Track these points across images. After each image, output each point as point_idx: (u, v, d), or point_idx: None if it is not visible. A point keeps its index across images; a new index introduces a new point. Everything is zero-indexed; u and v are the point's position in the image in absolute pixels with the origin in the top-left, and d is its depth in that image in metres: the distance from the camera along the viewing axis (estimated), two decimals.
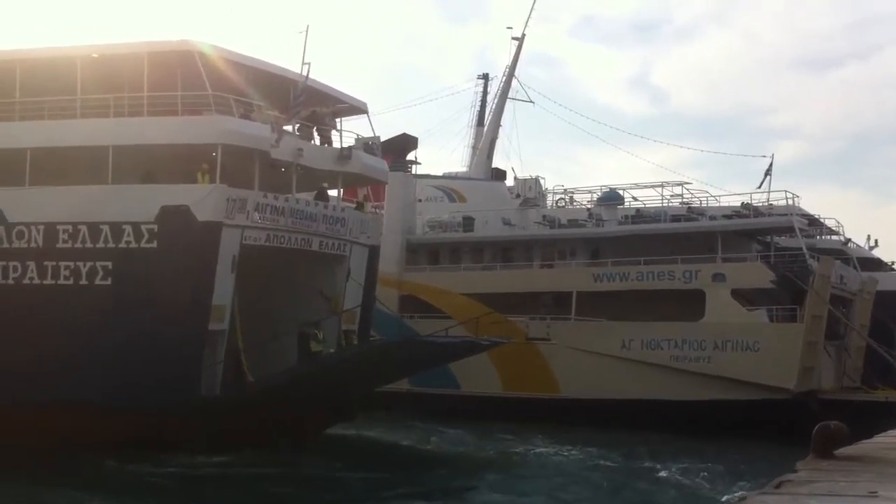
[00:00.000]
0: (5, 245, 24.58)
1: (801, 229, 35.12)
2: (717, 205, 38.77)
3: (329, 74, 24.43)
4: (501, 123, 46.74)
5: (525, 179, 42.60)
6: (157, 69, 24.16)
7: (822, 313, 32.21)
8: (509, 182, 44.86)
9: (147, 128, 24.16)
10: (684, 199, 39.00)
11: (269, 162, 25.07)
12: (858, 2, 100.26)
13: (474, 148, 47.75)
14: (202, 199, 23.68)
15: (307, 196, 27.07)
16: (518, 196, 41.84)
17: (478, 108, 49.31)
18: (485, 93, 49.21)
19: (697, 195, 39.24)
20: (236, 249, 24.01)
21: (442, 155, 73.06)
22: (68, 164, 24.68)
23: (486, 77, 49.38)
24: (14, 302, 24.36)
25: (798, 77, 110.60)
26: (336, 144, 27.16)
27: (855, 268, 37.66)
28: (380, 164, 28.81)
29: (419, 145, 42.26)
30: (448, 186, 44.15)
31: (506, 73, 46.33)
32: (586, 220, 39.38)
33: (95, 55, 24.69)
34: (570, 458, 26.13)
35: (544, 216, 40.39)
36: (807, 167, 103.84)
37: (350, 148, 26.90)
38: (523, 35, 46.10)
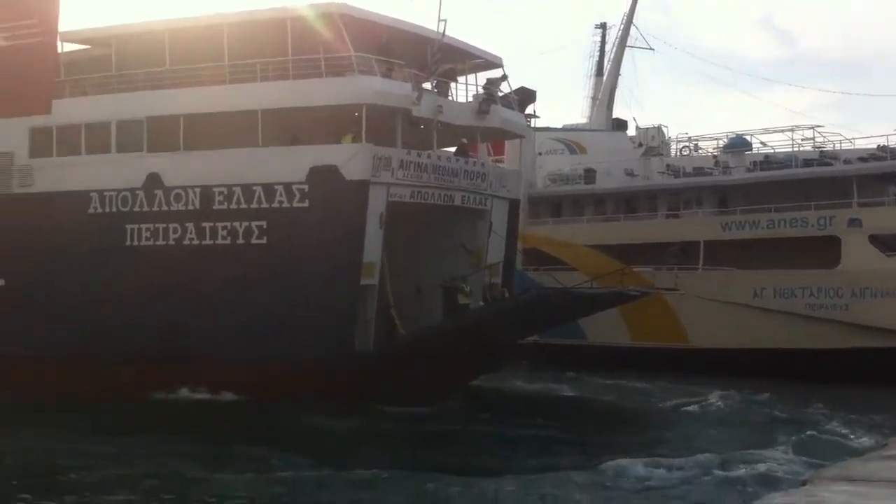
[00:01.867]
0: (164, 208, 25.25)
1: None
2: (852, 148, 36.88)
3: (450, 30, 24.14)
4: (621, 72, 45.63)
5: (647, 128, 41.53)
6: (300, 32, 24.33)
7: None
8: (631, 132, 43.75)
9: (294, 91, 24.41)
10: (816, 144, 37.30)
11: (411, 120, 25.12)
12: None
13: (594, 99, 46.85)
14: (350, 158, 23.90)
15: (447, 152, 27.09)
16: (640, 146, 40.86)
17: (596, 57, 48.35)
18: (603, 42, 48.18)
19: (830, 138, 37.47)
20: (383, 206, 24.22)
21: (561, 107, 71.25)
22: (220, 129, 25.13)
23: (603, 26, 48.32)
24: (174, 262, 25.07)
25: None
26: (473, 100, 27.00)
27: None
28: (518, 117, 28.68)
29: (538, 98, 41.80)
30: (568, 139, 43.44)
31: (623, 20, 45.20)
32: (712, 168, 38.22)
33: (240, 21, 24.96)
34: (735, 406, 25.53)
35: (668, 165, 39.35)
36: None
37: (489, 102, 26.70)
38: None
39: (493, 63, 27.98)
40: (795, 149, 36.97)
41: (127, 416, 22.47)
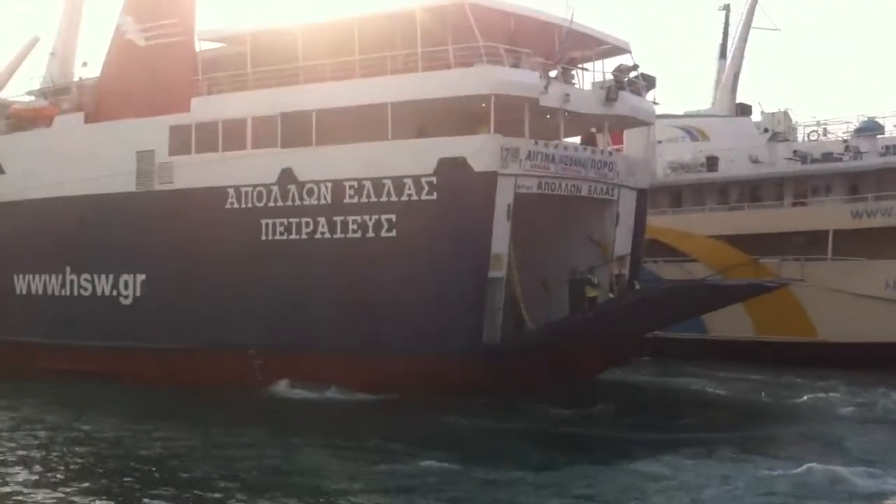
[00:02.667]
0: (298, 203, 25.46)
1: None
2: None
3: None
4: (745, 55, 43.83)
5: (772, 113, 40.13)
6: (429, 25, 24.18)
7: None
8: (756, 117, 42.02)
9: (422, 83, 24.23)
10: None
11: (538, 109, 24.68)
12: None
13: (717, 83, 45.29)
14: (478, 149, 23.61)
15: (573, 141, 26.58)
16: (766, 131, 39.42)
17: (720, 40, 46.37)
18: (726, 24, 45.97)
19: None
20: (511, 198, 23.85)
21: (684, 93, 68.01)
22: (351, 123, 25.19)
23: (727, 7, 46.12)
24: (307, 256, 25.25)
25: None
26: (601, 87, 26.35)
27: None
28: (646, 104, 27.88)
29: (657, 84, 40.58)
30: (689, 125, 41.99)
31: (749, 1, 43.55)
32: (842, 154, 36.43)
33: (371, 16, 24.95)
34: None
35: (795, 151, 37.71)
36: None
37: (617, 90, 26.07)
38: None
39: (621, 49, 27.29)
40: None
41: (259, 410, 22.73)
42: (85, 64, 32.06)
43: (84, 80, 31.80)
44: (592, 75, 26.78)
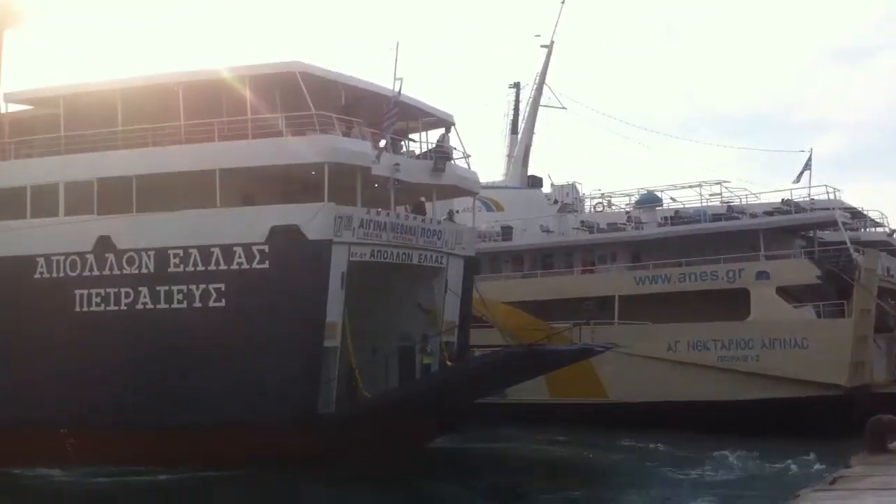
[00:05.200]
0: (116, 272, 23.06)
1: (843, 223, 33.06)
2: (758, 202, 36.68)
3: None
4: (535, 131, 44.77)
5: (561, 185, 40.98)
6: (259, 91, 22.83)
7: (870, 307, 30.52)
8: (546, 189, 42.94)
9: (254, 150, 22.75)
10: (724, 199, 37.01)
11: (369, 178, 23.65)
12: None
13: (509, 156, 46.02)
14: (312, 217, 22.27)
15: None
16: (556, 202, 40.18)
17: (511, 116, 47.15)
18: (517, 101, 46.96)
19: (737, 193, 37.23)
20: (345, 266, 22.64)
21: (478, 166, 69.18)
22: (174, 190, 23.20)
23: (517, 85, 47.08)
24: (127, 328, 22.87)
25: (834, 70, 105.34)
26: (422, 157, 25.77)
27: None
28: (472, 175, 27.48)
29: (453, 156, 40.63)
30: (485, 196, 42.34)
31: (536, 80, 44.61)
32: (625, 224, 37.53)
33: (197, 80, 23.22)
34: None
35: (583, 221, 38.56)
36: (846, 161, 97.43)
37: (444, 160, 25.49)
38: (552, 42, 44.32)
39: (444, 120, 26.83)
40: (704, 203, 36.79)
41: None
42: None
43: None
44: (419, 146, 26.10)
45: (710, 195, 37.02)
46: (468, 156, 26.86)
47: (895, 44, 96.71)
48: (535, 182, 44.05)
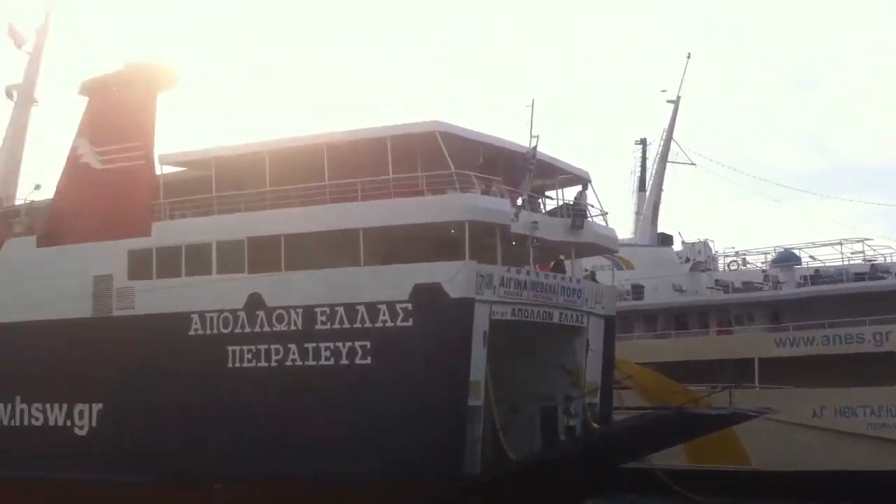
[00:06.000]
0: (266, 329, 23.26)
1: None
2: None
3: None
4: (663, 187, 43.72)
5: (693, 243, 39.60)
6: (401, 151, 22.73)
7: None
8: (677, 246, 41.65)
9: (396, 209, 22.63)
10: (866, 257, 35.14)
11: (507, 236, 23.25)
12: None
13: (637, 214, 45.07)
14: (454, 276, 21.91)
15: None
16: (687, 260, 38.85)
17: (638, 173, 46.35)
18: (644, 157, 46.22)
19: (880, 251, 35.32)
20: (487, 324, 22.19)
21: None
22: (320, 248, 23.33)
23: (643, 142, 46.42)
24: (276, 383, 23.02)
25: None
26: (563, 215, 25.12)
27: None
28: (611, 232, 26.82)
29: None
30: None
31: (664, 136, 43.63)
32: (762, 283, 35.87)
33: (341, 141, 23.36)
34: None
35: (717, 280, 37.19)
36: None
37: (583, 218, 24.90)
38: (678, 97, 43.36)
39: (581, 177, 26.26)
40: (845, 262, 34.93)
41: None
42: (38, 187, 29.40)
43: (35, 202, 29.08)
44: (556, 203, 25.60)
45: (853, 253, 35.20)
46: (606, 213, 26.24)
47: None
48: (666, 240, 42.79)
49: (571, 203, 25.54)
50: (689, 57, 42.73)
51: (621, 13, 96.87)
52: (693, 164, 43.59)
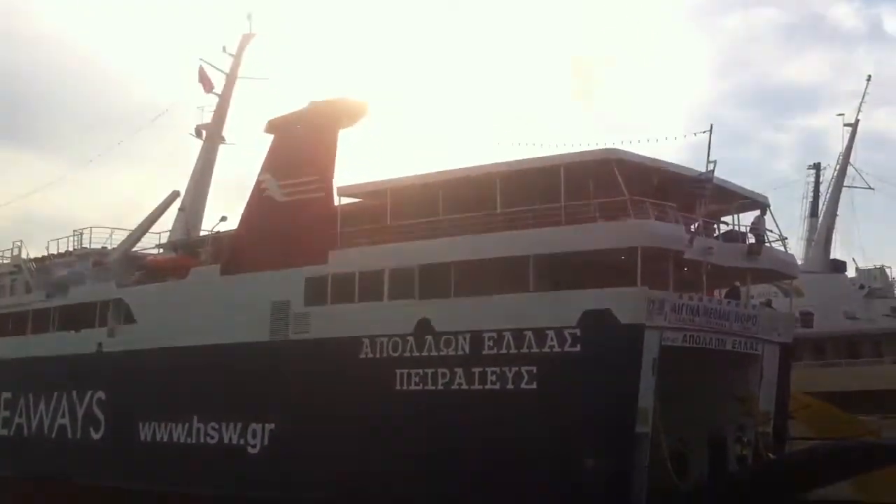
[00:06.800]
0: (434, 353, 23.31)
1: None
2: None
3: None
4: (838, 213, 41.83)
5: (869, 269, 37.74)
6: (573, 178, 22.49)
7: None
8: (850, 273, 39.76)
9: (567, 236, 22.34)
10: None
11: (681, 262, 22.49)
12: None
13: (808, 240, 43.05)
14: (624, 301, 21.36)
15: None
16: (862, 287, 36.86)
17: (810, 198, 44.69)
18: (817, 182, 44.61)
19: None
20: (657, 351, 21.45)
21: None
22: (487, 274, 23.24)
23: (817, 167, 44.89)
24: (444, 406, 22.96)
25: None
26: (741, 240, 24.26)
27: None
28: (790, 258, 25.67)
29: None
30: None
31: (839, 160, 41.74)
32: None
33: (514, 171, 23.35)
34: None
35: (893, 308, 35.11)
36: None
37: (761, 244, 23.85)
38: (857, 120, 41.51)
39: (759, 203, 25.28)
40: None
41: None
42: (224, 218, 30.84)
43: (219, 233, 30.49)
44: (733, 228, 24.66)
45: None
46: (785, 238, 25.05)
47: None
48: (839, 266, 40.74)
49: (748, 228, 24.57)
50: (868, 79, 40.97)
51: None
52: (871, 188, 41.75)
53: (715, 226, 24.42)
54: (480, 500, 21.89)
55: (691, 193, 22.83)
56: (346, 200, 26.48)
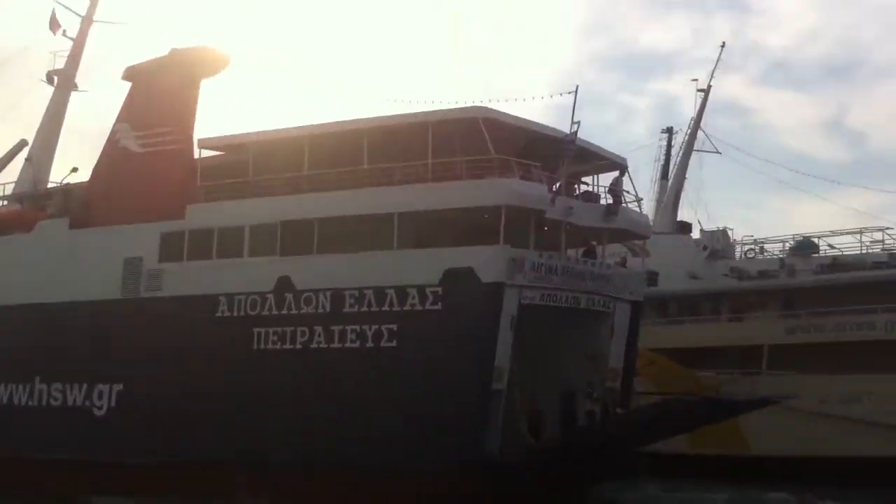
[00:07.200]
0: (294, 311, 22.80)
1: None
2: None
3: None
4: (686, 176, 42.50)
5: (712, 231, 38.82)
6: (440, 136, 22.30)
7: None
8: (695, 234, 40.64)
9: (432, 193, 22.17)
10: (886, 246, 34.23)
11: (542, 221, 22.76)
12: None
13: (658, 202, 44.15)
14: (486, 260, 21.46)
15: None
16: (705, 248, 38.22)
17: (662, 161, 44.94)
18: (669, 146, 44.76)
19: None
20: (515, 309, 21.65)
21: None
22: (353, 232, 22.90)
23: (670, 130, 45.05)
24: (302, 365, 22.54)
25: None
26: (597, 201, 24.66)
27: None
28: (644, 218, 26.34)
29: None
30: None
31: (691, 125, 42.43)
32: (778, 271, 35.07)
33: (382, 126, 22.94)
34: None
35: (732, 268, 36.57)
36: None
37: (618, 205, 24.40)
38: (709, 86, 42.11)
39: (617, 164, 25.68)
40: (864, 251, 34.23)
41: None
42: (75, 170, 29.15)
43: (70, 185, 28.77)
44: (592, 189, 25.07)
45: (872, 242, 34.40)
46: (641, 199, 25.73)
47: None
48: (685, 227, 41.95)
49: (607, 189, 24.98)
50: (723, 46, 42.27)
51: None
52: (719, 152, 42.81)
53: (575, 186, 24.75)
54: (338, 458, 21.67)
55: (555, 154, 22.96)
56: (206, 153, 25.47)
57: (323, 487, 21.45)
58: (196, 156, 25.30)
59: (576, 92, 22.24)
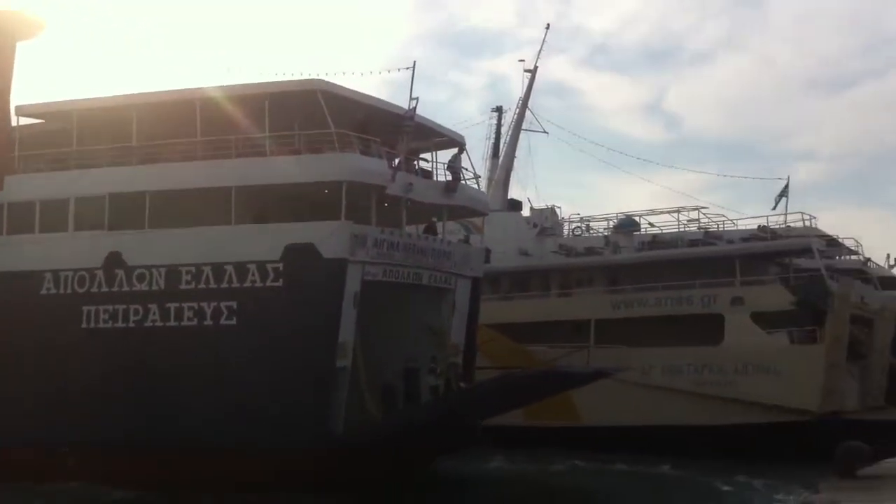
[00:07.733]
0: (126, 288, 21.52)
1: (819, 250, 32.07)
2: (735, 229, 35.74)
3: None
4: (516, 155, 42.98)
5: (541, 209, 39.65)
6: (278, 108, 21.50)
7: (842, 334, 29.33)
8: (525, 212, 41.37)
9: (271, 167, 21.40)
10: (701, 224, 36.02)
11: (383, 197, 22.48)
12: (871, 22, 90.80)
13: (489, 180, 44.64)
14: (327, 236, 20.96)
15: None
16: (535, 226, 39.05)
17: (492, 140, 45.38)
18: (499, 125, 45.31)
19: (714, 220, 36.33)
20: (358, 285, 21.33)
21: None
22: (186, 206, 21.80)
23: (499, 109, 45.57)
24: (135, 345, 21.37)
25: (813, 99, 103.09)
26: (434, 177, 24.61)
27: (875, 287, 35.16)
28: (483, 195, 26.45)
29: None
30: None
31: (519, 104, 42.86)
32: (603, 248, 36.31)
33: (216, 96, 21.86)
34: None
35: (561, 245, 37.51)
36: (824, 189, 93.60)
37: (457, 182, 24.39)
38: (535, 67, 42.40)
39: (456, 141, 25.67)
40: (682, 229, 35.84)
41: None
42: None
43: None
44: (432, 166, 24.97)
45: (688, 221, 35.97)
46: (478, 177, 25.82)
47: (876, 71, 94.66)
48: (515, 206, 42.62)
49: (446, 166, 24.92)
50: (547, 27, 42.93)
51: None
52: (546, 132, 43.34)
53: (415, 162, 24.60)
54: (178, 442, 20.72)
55: (394, 129, 22.70)
56: (25, 121, 23.55)
57: (160, 469, 20.49)
58: (14, 123, 23.32)
59: (413, 68, 22.06)
